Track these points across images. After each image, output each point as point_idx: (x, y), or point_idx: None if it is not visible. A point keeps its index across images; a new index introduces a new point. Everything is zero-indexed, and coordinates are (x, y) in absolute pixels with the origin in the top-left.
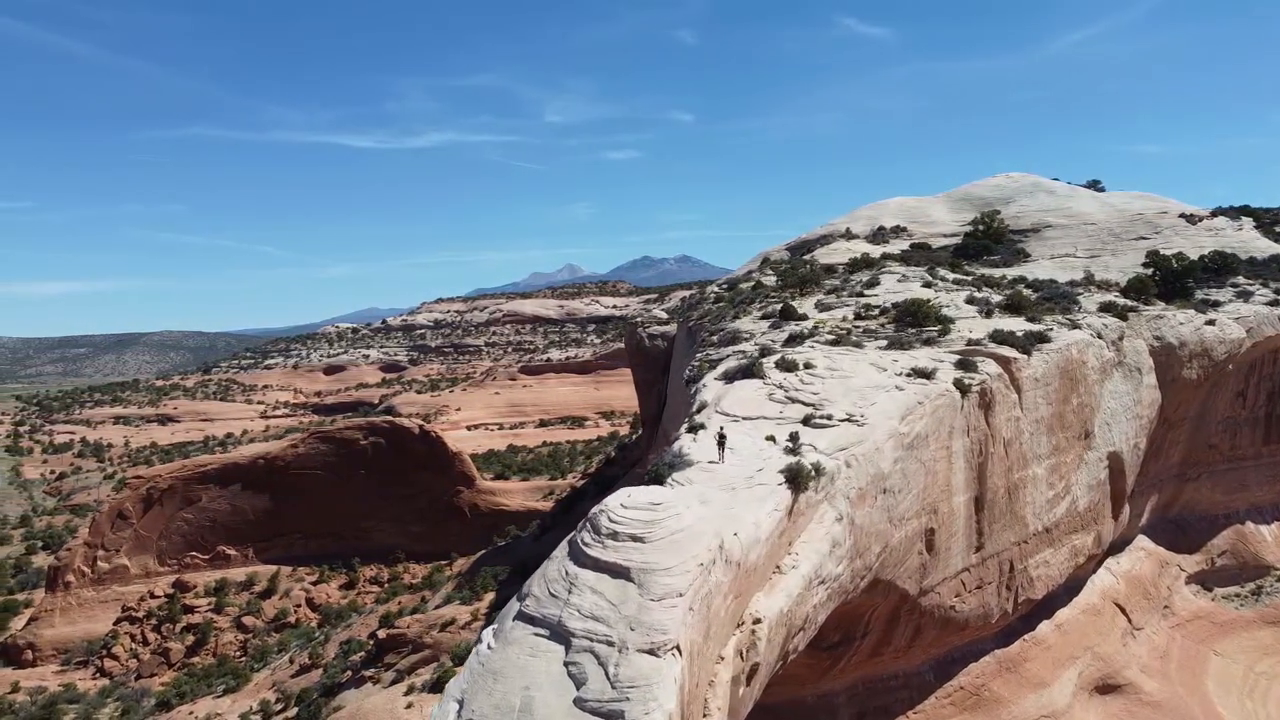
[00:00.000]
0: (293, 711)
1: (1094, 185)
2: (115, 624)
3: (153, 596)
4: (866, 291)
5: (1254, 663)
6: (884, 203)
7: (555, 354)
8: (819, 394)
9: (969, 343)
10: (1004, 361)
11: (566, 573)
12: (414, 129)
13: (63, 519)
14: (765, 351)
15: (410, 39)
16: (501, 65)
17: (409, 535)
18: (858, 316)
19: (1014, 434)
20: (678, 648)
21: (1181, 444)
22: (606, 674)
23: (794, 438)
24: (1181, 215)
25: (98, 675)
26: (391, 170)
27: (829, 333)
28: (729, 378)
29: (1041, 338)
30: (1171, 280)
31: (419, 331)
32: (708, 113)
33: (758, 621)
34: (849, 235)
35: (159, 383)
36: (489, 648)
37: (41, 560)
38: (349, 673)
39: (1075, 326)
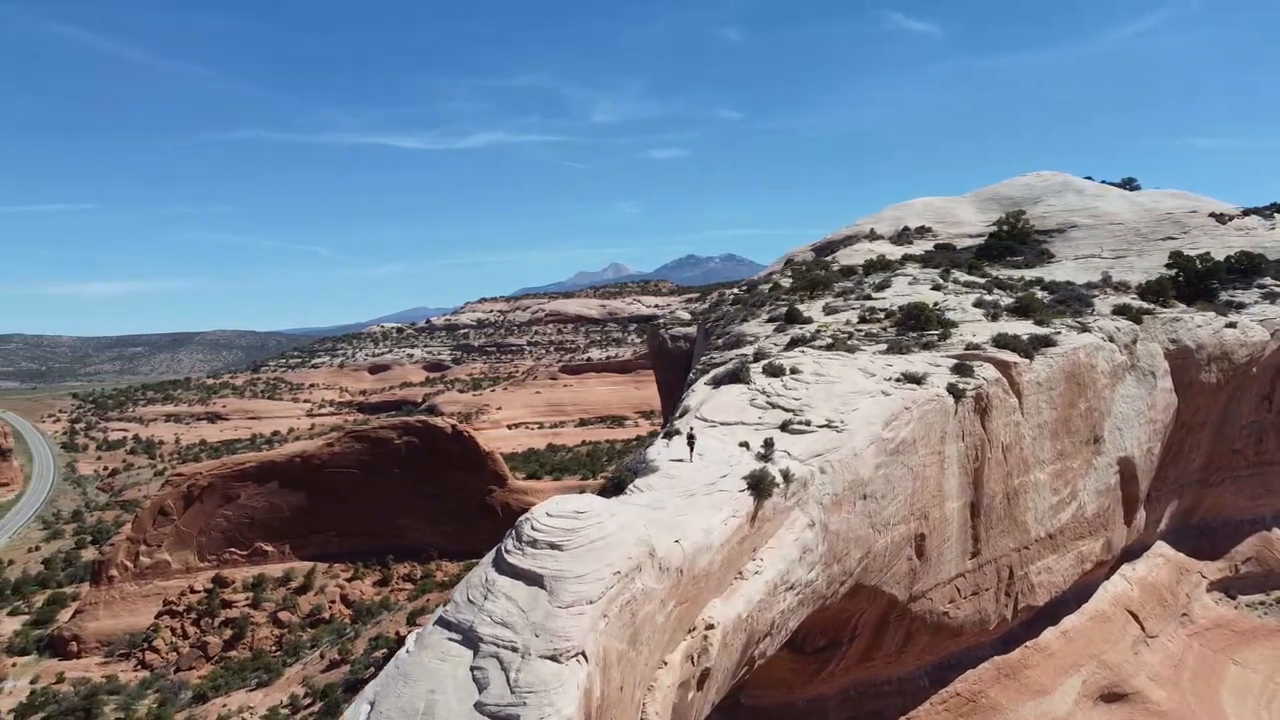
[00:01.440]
0: (319, 706)
1: (1128, 184)
2: (156, 617)
3: (193, 591)
4: (875, 294)
5: (1275, 672)
6: (910, 203)
7: (596, 353)
8: (800, 399)
9: (968, 347)
10: (1003, 366)
11: (486, 579)
12: (462, 129)
13: (113, 514)
14: (759, 356)
15: (458, 40)
16: (548, 65)
17: (442, 534)
18: (862, 320)
19: (1014, 439)
20: (583, 654)
21: (1203, 448)
22: (508, 679)
23: (768, 444)
24: (1211, 214)
25: (139, 667)
26: (439, 171)
27: (829, 337)
28: (717, 382)
29: (1046, 341)
30: (1195, 281)
31: (462, 331)
32: (754, 110)
33: (710, 627)
34: (873, 236)
35: (209, 381)
36: (407, 651)
37: (90, 554)
38: (372, 669)
39: (1085, 330)
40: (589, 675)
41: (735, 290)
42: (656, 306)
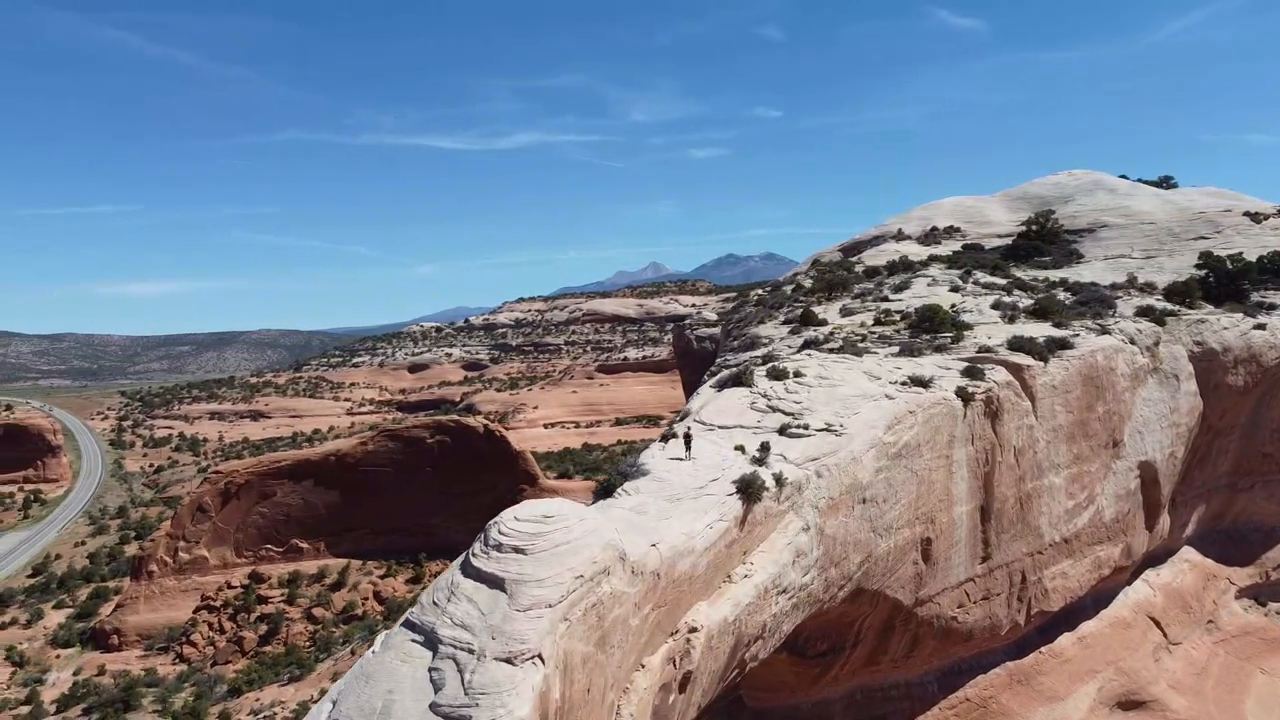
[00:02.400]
0: None
1: (1164, 182)
2: (194, 612)
3: (229, 587)
4: (892, 296)
5: None
6: (939, 203)
7: (633, 353)
8: (801, 403)
9: (980, 349)
10: (1015, 369)
11: (452, 582)
12: (501, 130)
13: (156, 510)
14: (767, 359)
15: (498, 42)
16: (586, 65)
17: (473, 532)
18: (877, 322)
19: (1026, 443)
20: (539, 656)
21: (1231, 452)
22: (463, 680)
23: (764, 447)
24: (1246, 213)
25: (177, 660)
26: (479, 171)
27: (841, 339)
28: (721, 385)
29: (1063, 344)
30: (1225, 282)
31: (500, 330)
32: (794, 108)
33: (693, 630)
34: (900, 236)
35: (252, 380)
36: (373, 652)
37: (133, 550)
38: None
39: (1105, 332)
40: (546, 678)
41: (760, 291)
42: (693, 306)
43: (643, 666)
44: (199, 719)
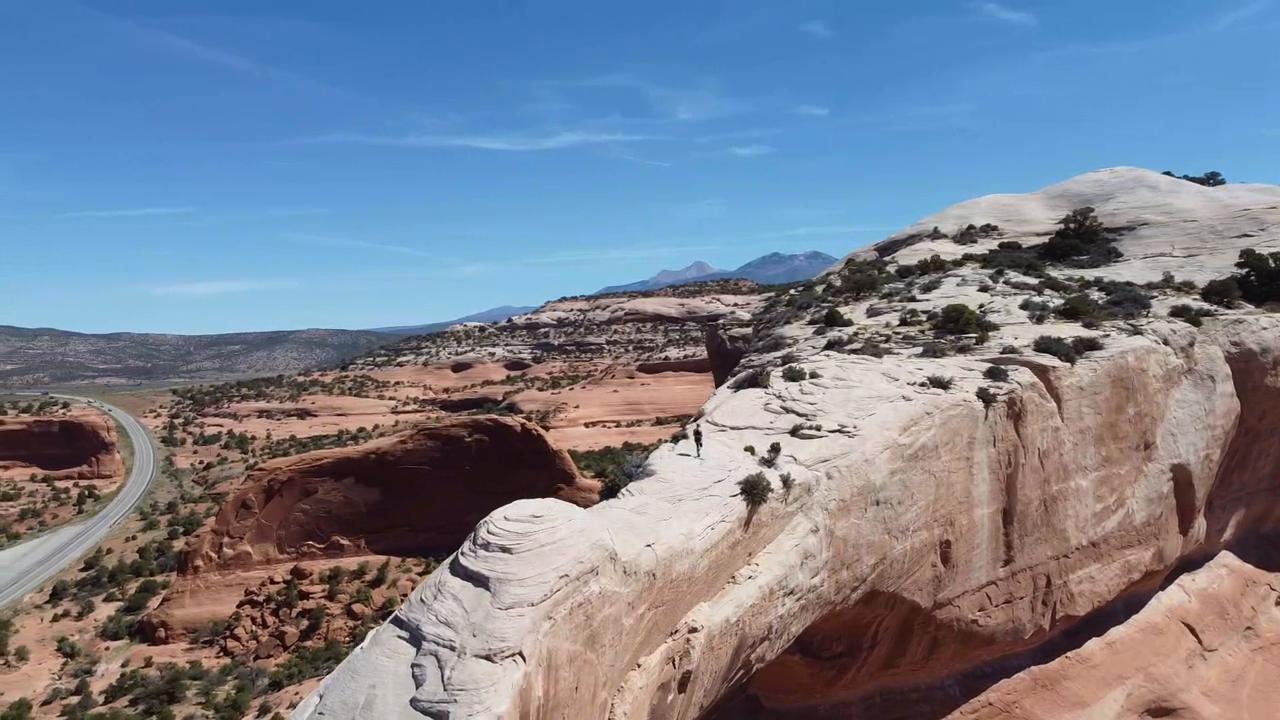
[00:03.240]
0: None
1: (1211, 178)
2: (238, 607)
3: (272, 582)
4: (920, 296)
5: None
6: (976, 201)
7: (674, 352)
8: (816, 404)
9: (1005, 350)
10: (1040, 370)
11: (439, 580)
12: (546, 130)
13: (205, 506)
14: (786, 359)
15: (542, 42)
16: (631, 64)
17: None
18: (903, 322)
19: (1052, 445)
20: (520, 654)
21: (1272, 455)
22: (442, 677)
23: (774, 448)
24: None
25: (221, 654)
26: (524, 171)
27: (864, 340)
28: (738, 386)
29: (1092, 345)
30: (1266, 281)
31: (543, 330)
32: (840, 106)
33: (694, 630)
34: (935, 235)
35: (300, 379)
36: (362, 648)
37: (181, 545)
38: None
39: (1137, 332)
40: (527, 675)
41: (793, 291)
42: (735, 305)
43: (639, 666)
44: (241, 711)
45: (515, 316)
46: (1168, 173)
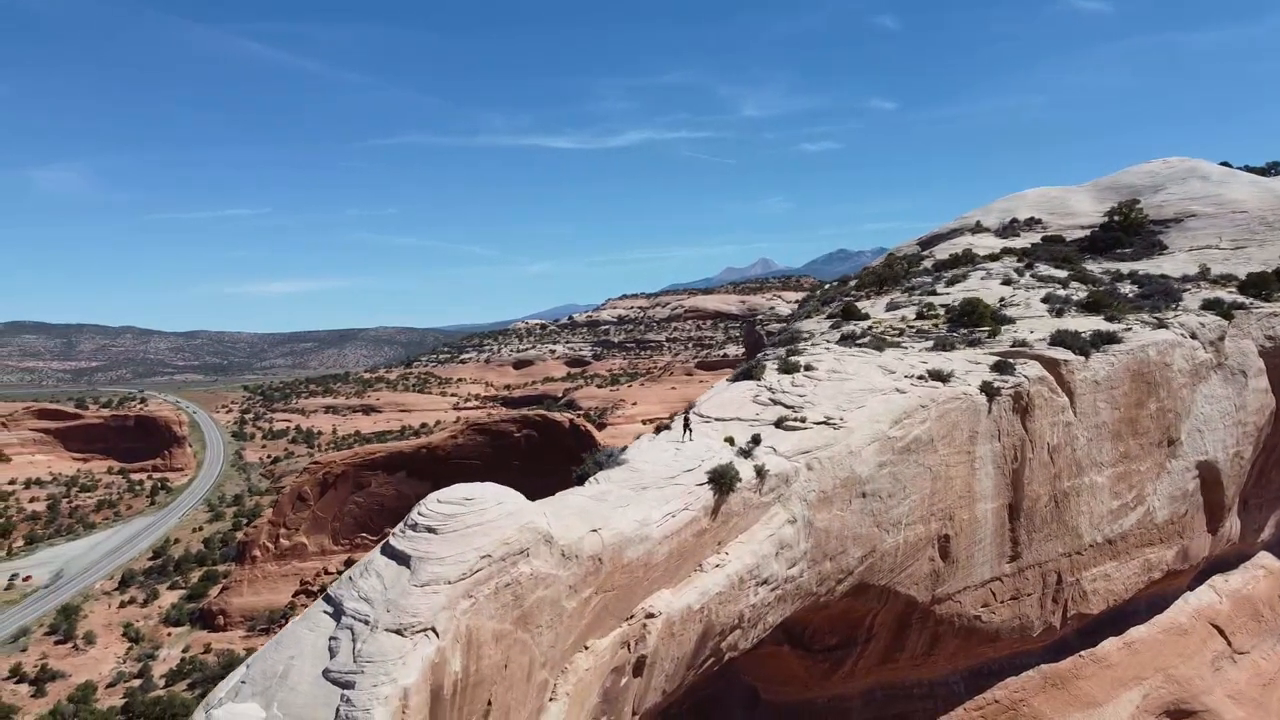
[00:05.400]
0: None
1: (1271, 168)
2: (294, 596)
3: (326, 573)
4: (941, 290)
5: None
6: (1023, 194)
7: (733, 349)
8: (805, 396)
9: (1015, 344)
10: (1051, 364)
11: (369, 559)
12: (612, 129)
13: (269, 499)
14: (791, 353)
15: (609, 41)
16: (697, 62)
17: None
18: (919, 316)
19: (1063, 440)
20: (432, 629)
21: None
22: (354, 649)
23: (755, 439)
24: None
25: None
26: (590, 170)
27: (877, 334)
28: (736, 378)
29: (1110, 338)
30: None
31: (603, 327)
32: (909, 100)
33: (650, 616)
34: (978, 229)
35: (366, 375)
36: (294, 621)
37: (243, 536)
38: None
39: (1161, 325)
40: (440, 650)
41: (826, 285)
42: (796, 303)
43: (586, 648)
44: None
45: (575, 314)
46: (1225, 163)
